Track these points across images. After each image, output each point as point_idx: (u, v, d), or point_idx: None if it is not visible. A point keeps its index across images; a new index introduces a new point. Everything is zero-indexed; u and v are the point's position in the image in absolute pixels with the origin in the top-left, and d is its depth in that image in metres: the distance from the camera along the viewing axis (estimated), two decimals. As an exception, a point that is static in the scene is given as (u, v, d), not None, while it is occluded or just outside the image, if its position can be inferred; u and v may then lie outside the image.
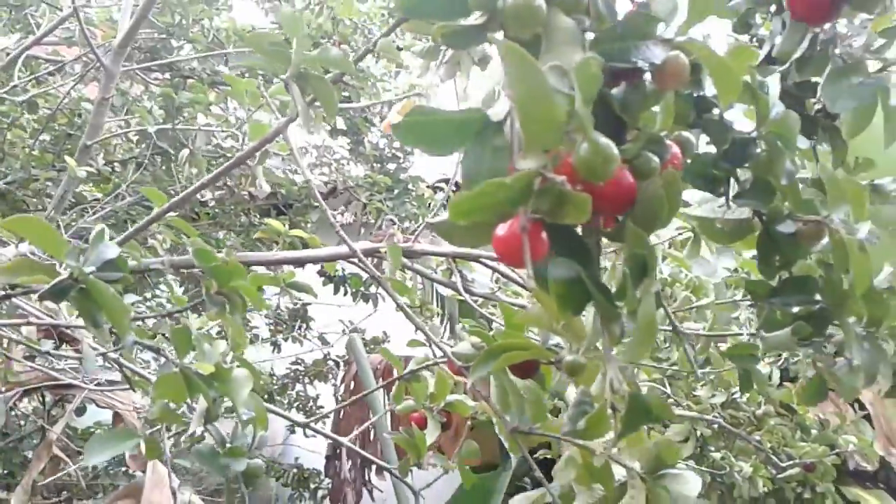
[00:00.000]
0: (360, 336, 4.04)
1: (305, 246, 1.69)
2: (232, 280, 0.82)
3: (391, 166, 4.04)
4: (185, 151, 2.00)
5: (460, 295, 1.51)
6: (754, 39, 1.22)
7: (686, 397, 2.35)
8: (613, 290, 0.58)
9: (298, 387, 4.93)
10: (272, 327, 4.40)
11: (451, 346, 1.03)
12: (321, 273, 3.77)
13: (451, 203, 0.45)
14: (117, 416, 2.35)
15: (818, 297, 0.83)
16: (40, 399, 2.59)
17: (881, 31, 1.06)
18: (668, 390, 2.27)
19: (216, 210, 4.03)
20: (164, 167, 3.16)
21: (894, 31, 1.06)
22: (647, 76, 0.60)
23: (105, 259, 0.68)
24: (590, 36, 0.58)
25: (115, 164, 2.76)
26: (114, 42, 1.93)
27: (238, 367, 0.86)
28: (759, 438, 2.36)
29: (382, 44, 0.89)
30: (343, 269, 3.79)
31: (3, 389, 2.20)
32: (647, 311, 0.55)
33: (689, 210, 0.86)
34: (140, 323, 1.14)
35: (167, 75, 3.53)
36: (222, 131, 2.02)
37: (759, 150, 0.75)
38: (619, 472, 0.80)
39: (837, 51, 1.04)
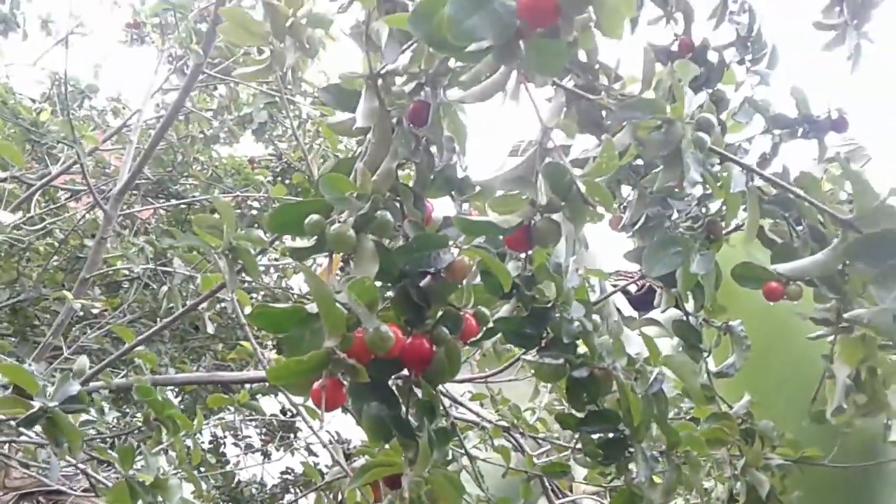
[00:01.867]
0: (342, 447, 4.21)
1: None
2: (165, 410, 1.07)
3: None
4: (165, 288, 2.28)
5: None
6: (622, 206, 1.49)
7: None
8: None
9: (289, 496, 5.05)
10: (263, 437, 4.59)
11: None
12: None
13: (270, 371, 0.71)
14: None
15: (622, 426, 1.06)
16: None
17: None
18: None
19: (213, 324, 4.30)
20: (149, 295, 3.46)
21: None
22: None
23: (68, 395, 0.94)
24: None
25: (123, 282, 3.06)
26: (114, 189, 2.24)
27: (176, 476, 1.09)
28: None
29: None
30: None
31: (1, 494, 2.42)
32: (425, 442, 0.80)
33: (526, 357, 1.11)
34: (101, 442, 1.38)
35: (172, 203, 3.88)
36: (193, 274, 2.32)
37: (556, 315, 1.00)
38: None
39: (665, 224, 1.31)
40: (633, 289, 4.68)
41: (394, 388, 0.85)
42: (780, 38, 1.59)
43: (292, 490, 5.11)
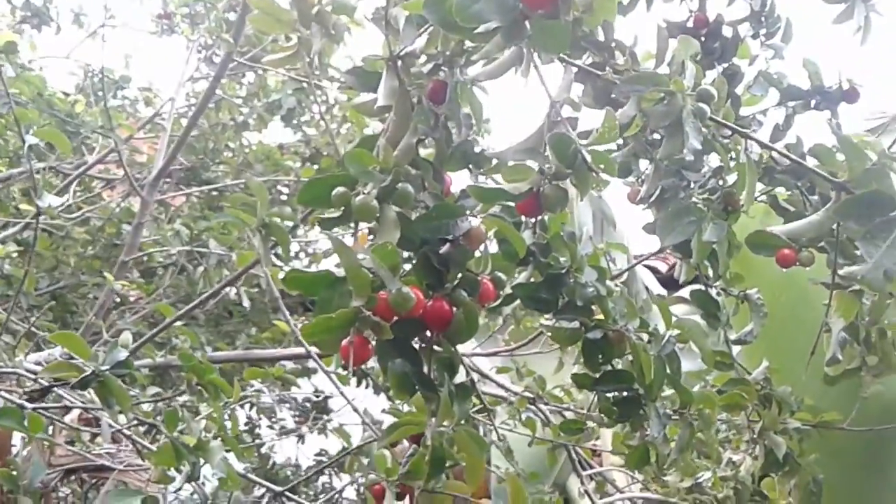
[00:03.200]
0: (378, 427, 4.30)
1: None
2: (206, 375, 1.15)
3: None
4: (201, 268, 2.37)
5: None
6: (639, 180, 1.53)
7: (653, 481, 2.57)
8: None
9: (324, 478, 5.16)
10: (297, 419, 4.70)
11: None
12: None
13: (304, 328, 0.77)
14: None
15: (636, 385, 1.12)
16: (79, 482, 2.91)
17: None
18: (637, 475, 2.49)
19: (247, 308, 4.41)
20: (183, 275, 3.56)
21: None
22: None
23: (116, 360, 1.02)
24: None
25: (148, 273, 3.17)
26: (149, 175, 2.33)
27: (215, 439, 1.17)
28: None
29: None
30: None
31: (48, 471, 2.54)
32: (446, 395, 0.86)
33: (542, 320, 1.17)
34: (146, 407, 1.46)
35: (204, 189, 3.98)
36: (230, 251, 2.40)
37: (571, 281, 1.06)
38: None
39: (680, 195, 1.36)
40: (663, 268, 4.71)
41: (417, 347, 0.91)
42: (792, 12, 1.62)
43: (326, 472, 5.23)
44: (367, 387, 4.34)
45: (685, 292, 1.70)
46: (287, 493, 1.56)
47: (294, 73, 3.08)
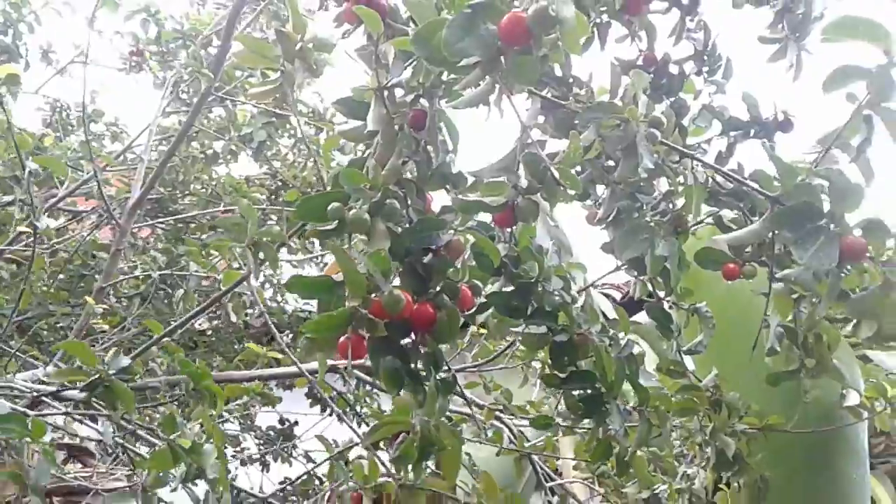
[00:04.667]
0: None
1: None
2: (203, 381, 1.24)
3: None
4: (181, 291, 2.44)
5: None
6: (597, 203, 1.66)
7: (612, 493, 2.68)
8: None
9: (289, 505, 5.16)
10: (261, 447, 4.72)
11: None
12: (308, 395, 4.14)
13: (305, 326, 0.88)
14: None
15: (598, 384, 1.23)
16: (50, 507, 2.91)
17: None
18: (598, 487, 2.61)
19: (212, 338, 4.45)
20: (165, 301, 3.61)
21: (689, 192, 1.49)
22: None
23: (121, 366, 1.11)
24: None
25: (123, 299, 3.21)
26: (127, 203, 2.41)
27: (208, 443, 1.26)
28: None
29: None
30: (332, 391, 4.16)
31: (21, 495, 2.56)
32: (433, 387, 0.97)
33: (514, 328, 1.28)
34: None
35: (171, 220, 4.04)
36: (207, 276, 2.48)
37: (540, 290, 1.18)
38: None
39: (635, 215, 1.49)
40: (618, 296, 4.90)
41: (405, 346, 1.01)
42: (732, 51, 1.79)
43: (289, 500, 5.23)
44: (330, 414, 4.42)
45: (640, 317, 1.83)
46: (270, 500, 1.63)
47: (265, 107, 3.19)
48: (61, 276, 3.60)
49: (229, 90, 2.88)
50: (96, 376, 1.12)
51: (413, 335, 1.03)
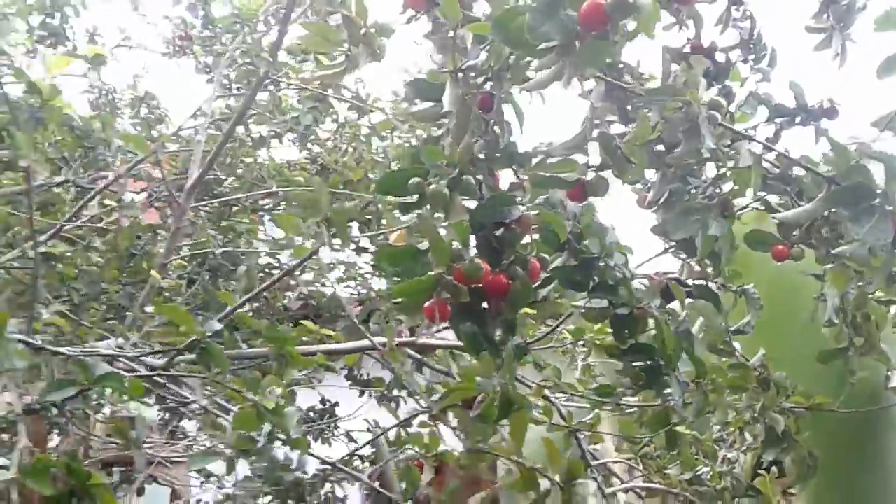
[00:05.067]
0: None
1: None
2: (287, 345, 1.32)
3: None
4: (242, 268, 2.52)
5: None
6: (647, 187, 1.71)
7: (656, 473, 2.73)
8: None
9: (327, 486, 5.25)
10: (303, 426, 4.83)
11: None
12: (348, 377, 4.23)
13: (393, 289, 0.94)
14: (175, 494, 2.79)
15: (657, 357, 1.29)
16: (109, 475, 3.03)
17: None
18: (641, 467, 2.66)
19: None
20: (212, 283, 3.72)
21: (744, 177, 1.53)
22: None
23: (214, 329, 1.19)
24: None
25: (183, 276, 3.33)
26: (186, 184, 2.50)
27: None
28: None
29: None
30: (368, 374, 4.24)
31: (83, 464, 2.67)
32: (510, 350, 1.03)
33: (574, 301, 1.34)
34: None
35: (216, 202, 4.14)
36: (268, 253, 2.55)
37: (602, 265, 1.24)
38: (544, 483, 1.26)
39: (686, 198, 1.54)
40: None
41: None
42: (778, 40, 1.82)
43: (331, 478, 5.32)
44: (370, 396, 4.50)
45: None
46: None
47: (312, 91, 3.27)
48: (112, 254, 3.71)
49: (278, 75, 2.96)
50: (193, 338, 1.20)
51: (488, 304, 1.09)
